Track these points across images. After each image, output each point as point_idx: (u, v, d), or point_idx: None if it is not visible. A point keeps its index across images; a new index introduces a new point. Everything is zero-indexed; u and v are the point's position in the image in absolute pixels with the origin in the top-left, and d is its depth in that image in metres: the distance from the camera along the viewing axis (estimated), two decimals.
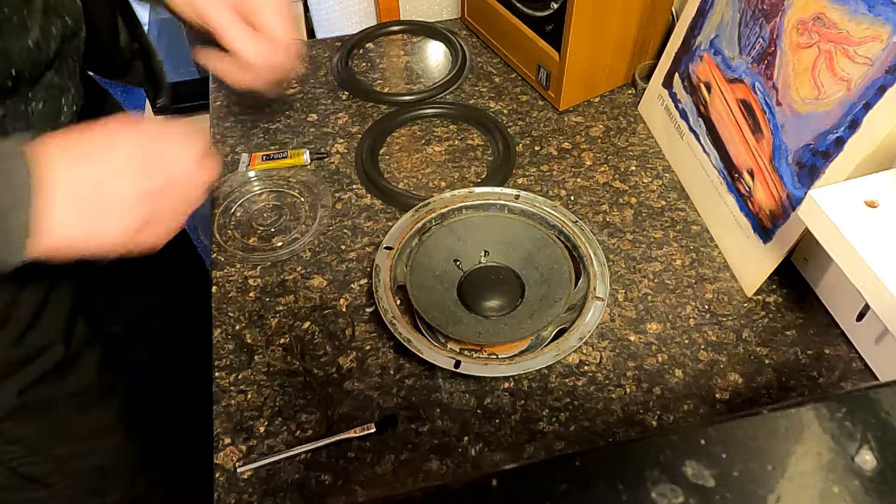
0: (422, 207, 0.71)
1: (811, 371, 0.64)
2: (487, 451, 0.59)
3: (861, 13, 0.55)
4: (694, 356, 0.65)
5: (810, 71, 0.60)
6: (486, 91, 0.92)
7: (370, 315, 0.68)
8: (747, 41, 0.67)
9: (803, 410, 0.32)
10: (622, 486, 0.29)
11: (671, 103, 0.80)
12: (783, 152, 0.63)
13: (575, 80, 0.86)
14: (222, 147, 0.84)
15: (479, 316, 0.65)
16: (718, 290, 0.70)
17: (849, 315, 0.65)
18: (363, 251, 0.73)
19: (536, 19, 0.85)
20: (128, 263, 0.54)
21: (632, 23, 0.84)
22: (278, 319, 0.67)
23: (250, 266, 0.72)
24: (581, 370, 0.64)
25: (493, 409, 0.61)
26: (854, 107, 0.55)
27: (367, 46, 1.00)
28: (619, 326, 0.67)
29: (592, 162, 0.82)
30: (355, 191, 0.79)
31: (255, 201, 0.79)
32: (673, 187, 0.80)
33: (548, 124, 0.87)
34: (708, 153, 0.74)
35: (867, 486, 0.30)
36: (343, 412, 0.61)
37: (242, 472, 0.57)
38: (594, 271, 0.65)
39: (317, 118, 0.88)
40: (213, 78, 0.94)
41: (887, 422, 0.31)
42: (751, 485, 0.29)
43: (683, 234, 0.75)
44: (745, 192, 0.69)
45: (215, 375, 0.63)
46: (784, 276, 0.70)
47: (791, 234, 0.63)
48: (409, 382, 0.63)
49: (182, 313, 0.99)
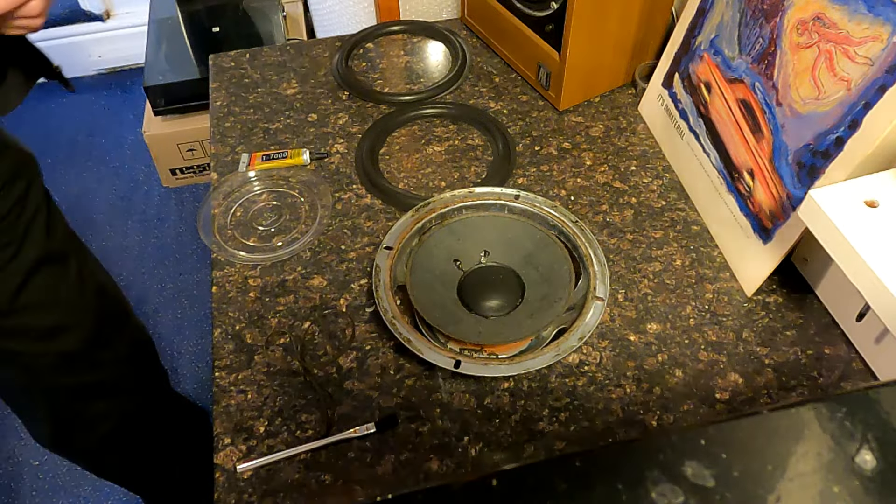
0: (422, 207, 0.71)
1: (811, 371, 0.64)
2: (487, 451, 0.59)
3: (861, 13, 0.55)
4: (694, 356, 0.65)
5: (810, 71, 0.60)
6: (486, 91, 0.92)
7: (370, 315, 0.68)
8: (747, 41, 0.67)
9: (803, 410, 0.32)
10: (622, 486, 0.29)
11: (671, 103, 0.80)
12: (783, 152, 0.63)
13: (575, 80, 0.86)
14: (222, 147, 0.84)
15: (479, 316, 0.65)
16: (718, 290, 0.70)
17: (849, 315, 0.65)
18: (363, 251, 0.73)
19: (536, 19, 0.85)
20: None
21: (632, 23, 0.84)
22: (278, 319, 0.67)
23: (250, 266, 0.72)
24: (581, 370, 0.64)
25: (493, 409, 0.61)
26: (854, 107, 0.55)
27: (367, 46, 1.00)
28: (619, 326, 0.67)
29: (592, 162, 0.82)
30: (355, 191, 0.79)
31: (255, 201, 0.79)
32: (673, 187, 0.80)
33: (548, 124, 0.87)
34: (708, 153, 0.74)
35: (867, 486, 0.30)
36: (343, 412, 0.61)
37: (242, 472, 0.57)
38: (594, 271, 0.65)
39: (317, 118, 0.88)
40: (213, 78, 0.94)
41: (887, 422, 0.31)
42: (751, 485, 0.29)
43: (683, 234, 0.75)
44: (745, 192, 0.69)
45: (215, 375, 0.63)
46: (784, 276, 0.70)
47: (791, 234, 0.63)
48: (409, 382, 0.63)
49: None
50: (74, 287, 0.84)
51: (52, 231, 0.81)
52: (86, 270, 0.87)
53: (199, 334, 1.66)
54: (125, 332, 0.96)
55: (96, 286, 0.89)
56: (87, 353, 0.87)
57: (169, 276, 1.79)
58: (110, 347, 0.90)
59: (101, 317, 0.89)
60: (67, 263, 0.84)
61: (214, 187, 0.79)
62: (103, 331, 0.89)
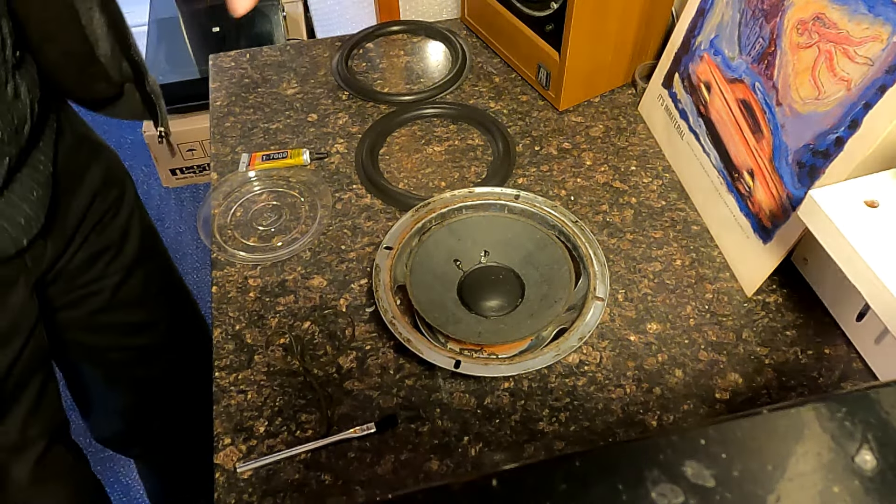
0: (422, 207, 0.71)
1: (811, 371, 0.64)
2: (487, 451, 0.59)
3: (861, 13, 0.55)
4: (694, 356, 0.65)
5: (810, 71, 0.60)
6: (486, 91, 0.92)
7: (370, 315, 0.68)
8: (747, 41, 0.67)
9: (803, 410, 0.32)
10: (622, 486, 0.29)
11: (671, 103, 0.80)
12: (783, 152, 0.63)
13: (575, 80, 0.86)
14: (222, 147, 0.84)
15: (479, 316, 0.65)
16: (718, 290, 0.70)
17: (849, 315, 0.65)
18: (363, 251, 0.73)
19: (536, 19, 0.85)
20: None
21: (632, 23, 0.84)
22: (278, 319, 0.67)
23: (250, 266, 0.72)
24: (581, 370, 0.64)
25: (493, 409, 0.61)
26: (854, 107, 0.55)
27: (367, 46, 1.00)
28: (619, 326, 0.67)
29: (592, 162, 0.82)
30: (355, 191, 0.79)
31: (255, 201, 0.79)
32: (673, 187, 0.80)
33: (548, 124, 0.87)
34: (708, 153, 0.74)
35: (867, 486, 0.30)
36: (343, 412, 0.61)
37: (242, 472, 0.57)
38: (594, 271, 0.65)
39: (317, 118, 0.88)
40: (213, 78, 0.94)
41: (887, 422, 0.31)
42: (751, 485, 0.29)
43: (683, 234, 0.75)
44: (745, 192, 0.69)
45: (215, 375, 0.63)
46: (784, 276, 0.70)
47: (791, 234, 0.63)
48: (409, 382, 0.63)
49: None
50: (160, 284, 0.91)
51: (145, 232, 0.86)
52: (166, 268, 0.94)
53: None
54: (192, 328, 1.01)
55: (174, 283, 0.96)
56: (162, 348, 0.93)
57: None
58: (178, 342, 0.96)
59: (175, 313, 0.96)
60: (156, 262, 0.90)
61: (214, 187, 0.79)
62: (177, 326, 0.95)
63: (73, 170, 0.74)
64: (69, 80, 0.69)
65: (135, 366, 0.91)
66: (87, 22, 0.64)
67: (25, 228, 0.64)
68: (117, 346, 0.88)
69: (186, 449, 1.09)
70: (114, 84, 0.72)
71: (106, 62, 0.68)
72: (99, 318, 0.83)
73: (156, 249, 0.92)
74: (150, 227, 0.90)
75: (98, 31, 0.66)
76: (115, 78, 0.71)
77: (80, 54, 0.66)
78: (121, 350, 0.89)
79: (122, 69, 0.71)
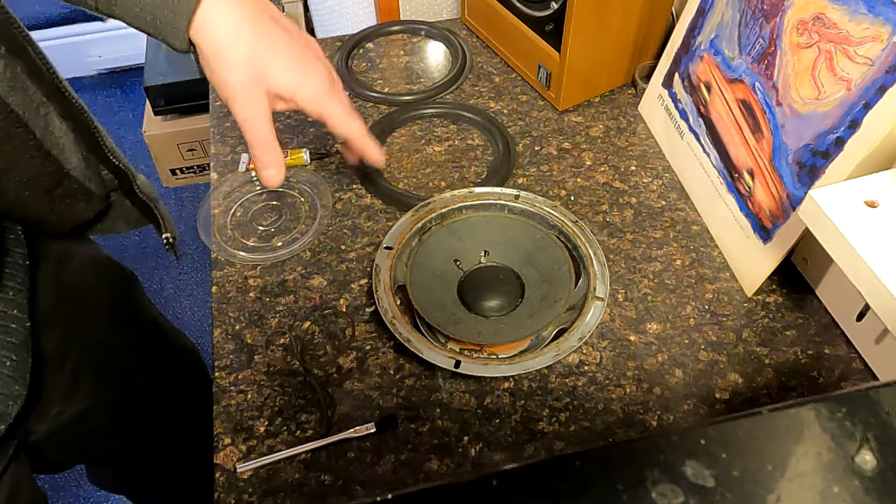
0: (422, 207, 0.71)
1: (811, 371, 0.64)
2: (487, 451, 0.59)
3: (861, 13, 0.55)
4: (694, 356, 0.65)
5: (810, 71, 0.60)
6: (486, 91, 0.92)
7: (370, 315, 0.68)
8: (747, 41, 0.67)
9: (803, 410, 0.32)
10: (622, 486, 0.29)
11: (671, 103, 0.80)
12: (783, 152, 0.63)
13: (575, 79, 0.86)
14: (222, 147, 0.84)
15: (479, 316, 0.65)
16: (718, 290, 0.70)
17: (849, 315, 0.65)
18: (363, 251, 0.73)
19: (536, 19, 0.85)
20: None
21: (632, 23, 0.84)
22: (278, 319, 0.67)
23: (250, 266, 0.72)
24: (581, 370, 0.64)
25: (493, 409, 0.61)
26: (854, 107, 0.55)
27: (367, 46, 1.00)
28: (619, 326, 0.67)
29: (592, 162, 0.82)
30: (355, 191, 0.79)
31: (255, 201, 0.79)
32: (673, 187, 0.80)
33: (548, 124, 0.87)
34: (708, 153, 0.74)
35: (867, 486, 0.30)
36: (343, 412, 0.61)
37: (242, 472, 0.57)
38: (594, 271, 0.65)
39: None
40: None
41: (887, 422, 0.31)
42: (751, 485, 0.29)
43: (683, 234, 0.75)
44: (745, 192, 0.69)
45: (215, 375, 0.63)
46: (784, 276, 0.70)
47: (791, 234, 0.63)
48: (409, 382, 0.63)
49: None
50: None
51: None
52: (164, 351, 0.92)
53: (199, 334, 1.67)
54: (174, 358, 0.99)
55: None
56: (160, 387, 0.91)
57: (169, 276, 1.79)
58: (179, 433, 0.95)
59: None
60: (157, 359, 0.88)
61: (214, 187, 0.79)
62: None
63: (66, 312, 0.61)
64: (39, 210, 0.55)
65: (139, 466, 0.91)
66: (43, 134, 0.50)
67: (2, 410, 0.51)
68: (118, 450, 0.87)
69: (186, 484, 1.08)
70: (95, 199, 0.60)
71: (79, 175, 0.56)
72: (91, 447, 0.81)
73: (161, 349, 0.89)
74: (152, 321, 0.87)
75: (62, 140, 0.53)
76: (95, 191, 0.59)
77: (44, 175, 0.52)
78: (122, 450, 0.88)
79: (103, 179, 0.60)
